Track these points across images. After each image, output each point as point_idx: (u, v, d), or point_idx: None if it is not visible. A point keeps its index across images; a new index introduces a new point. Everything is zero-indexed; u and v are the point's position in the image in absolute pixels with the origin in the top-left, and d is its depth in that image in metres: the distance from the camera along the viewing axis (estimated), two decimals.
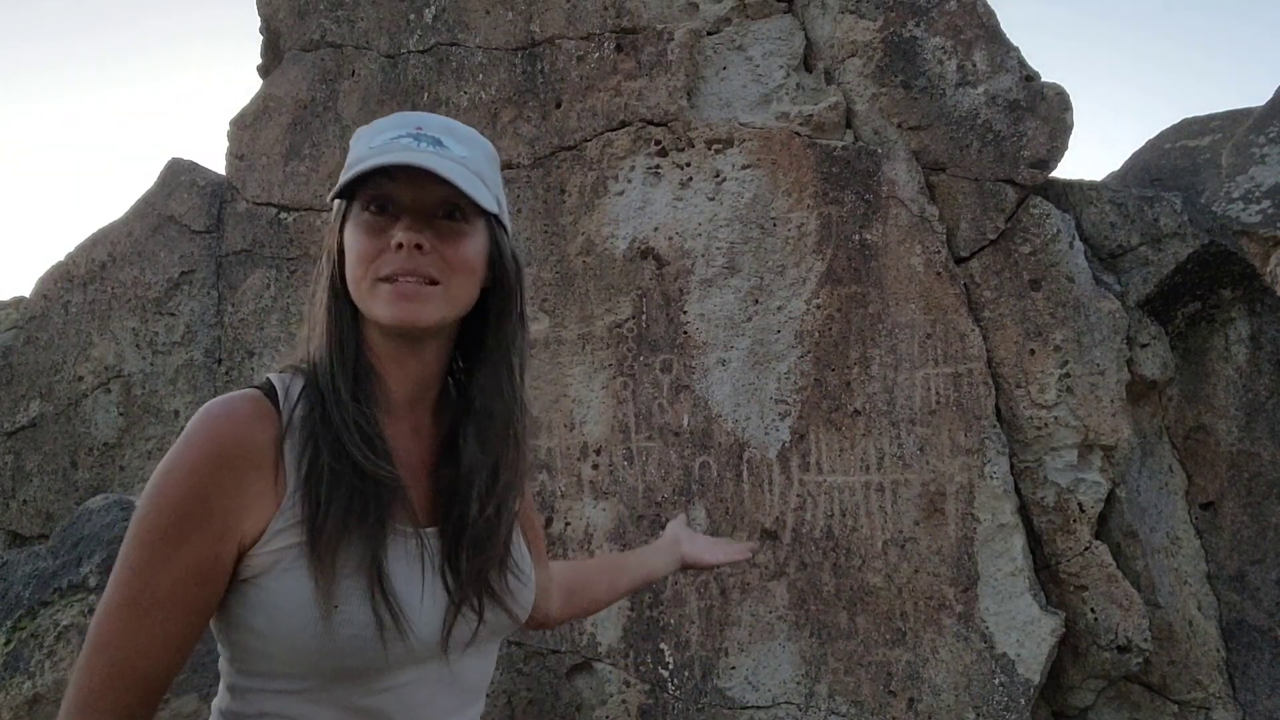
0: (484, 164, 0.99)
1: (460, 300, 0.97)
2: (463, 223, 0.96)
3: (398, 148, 0.93)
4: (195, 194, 3.71)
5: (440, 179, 0.91)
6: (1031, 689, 2.45)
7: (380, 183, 0.93)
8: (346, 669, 0.88)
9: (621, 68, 3.08)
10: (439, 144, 0.94)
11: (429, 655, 0.93)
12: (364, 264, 0.93)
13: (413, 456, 0.99)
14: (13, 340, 3.85)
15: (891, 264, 2.70)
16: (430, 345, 0.99)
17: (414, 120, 0.97)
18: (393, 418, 0.99)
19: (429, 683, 0.94)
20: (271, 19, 3.79)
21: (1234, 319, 2.82)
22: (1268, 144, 3.77)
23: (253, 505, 0.88)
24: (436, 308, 0.94)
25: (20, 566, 2.90)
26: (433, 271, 0.93)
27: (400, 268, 0.92)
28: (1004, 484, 2.54)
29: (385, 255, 0.92)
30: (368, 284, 0.93)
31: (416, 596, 0.91)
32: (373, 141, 0.96)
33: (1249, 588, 2.71)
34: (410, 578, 0.91)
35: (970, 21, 2.79)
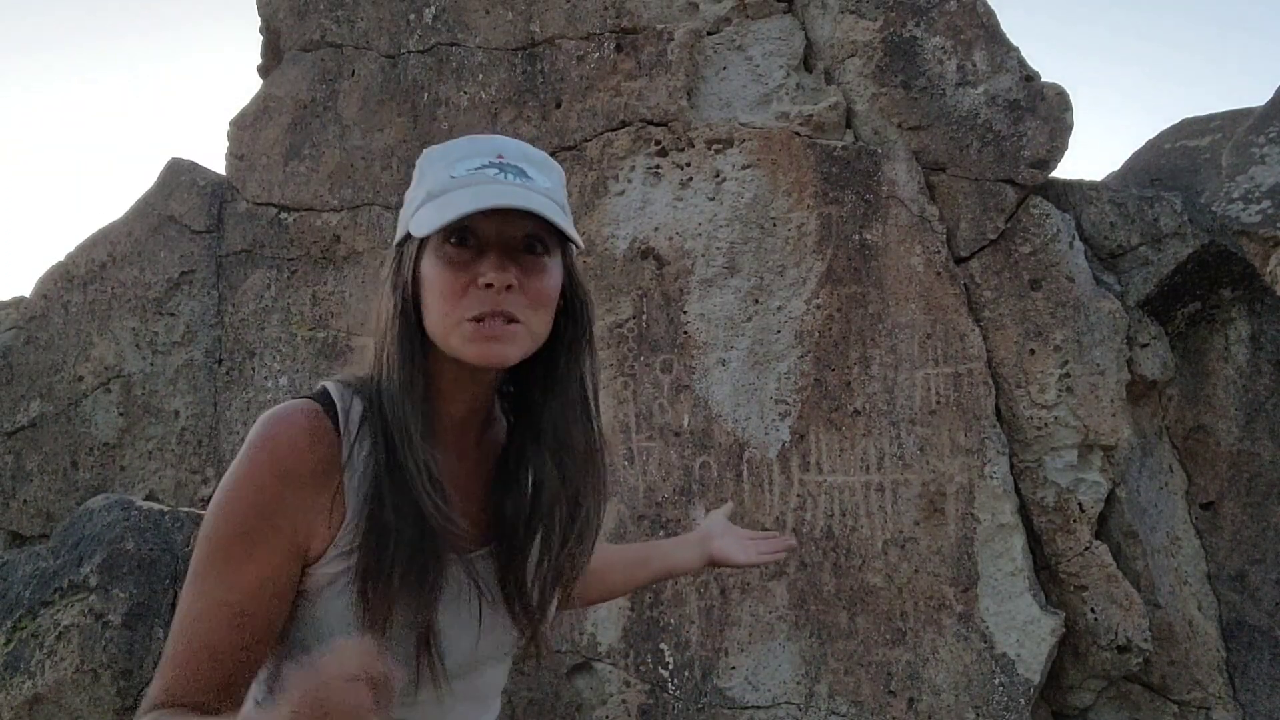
0: (560, 190, 0.97)
1: (540, 334, 0.95)
2: (545, 256, 0.94)
3: (484, 179, 0.91)
4: (195, 194, 3.71)
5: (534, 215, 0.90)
6: (1031, 689, 2.45)
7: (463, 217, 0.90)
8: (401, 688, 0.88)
9: (621, 68, 3.08)
10: (523, 174, 0.93)
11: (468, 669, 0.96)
12: (450, 301, 0.91)
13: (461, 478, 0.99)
14: (13, 340, 3.85)
15: (891, 264, 2.70)
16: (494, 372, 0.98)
17: (492, 146, 0.96)
18: (441, 441, 0.97)
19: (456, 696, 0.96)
20: (271, 19, 3.79)
21: (1234, 319, 2.82)
22: (1268, 144, 3.77)
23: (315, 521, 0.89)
24: (520, 346, 0.92)
25: (20, 566, 2.90)
26: (517, 310, 0.91)
27: (490, 308, 0.90)
28: (1004, 484, 2.54)
29: (472, 293, 0.90)
30: (453, 319, 0.91)
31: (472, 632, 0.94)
32: (453, 171, 0.93)
33: (1249, 588, 2.71)
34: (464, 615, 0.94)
35: (970, 21, 2.79)
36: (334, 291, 3.40)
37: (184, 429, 3.55)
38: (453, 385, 0.97)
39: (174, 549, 2.78)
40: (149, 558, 2.74)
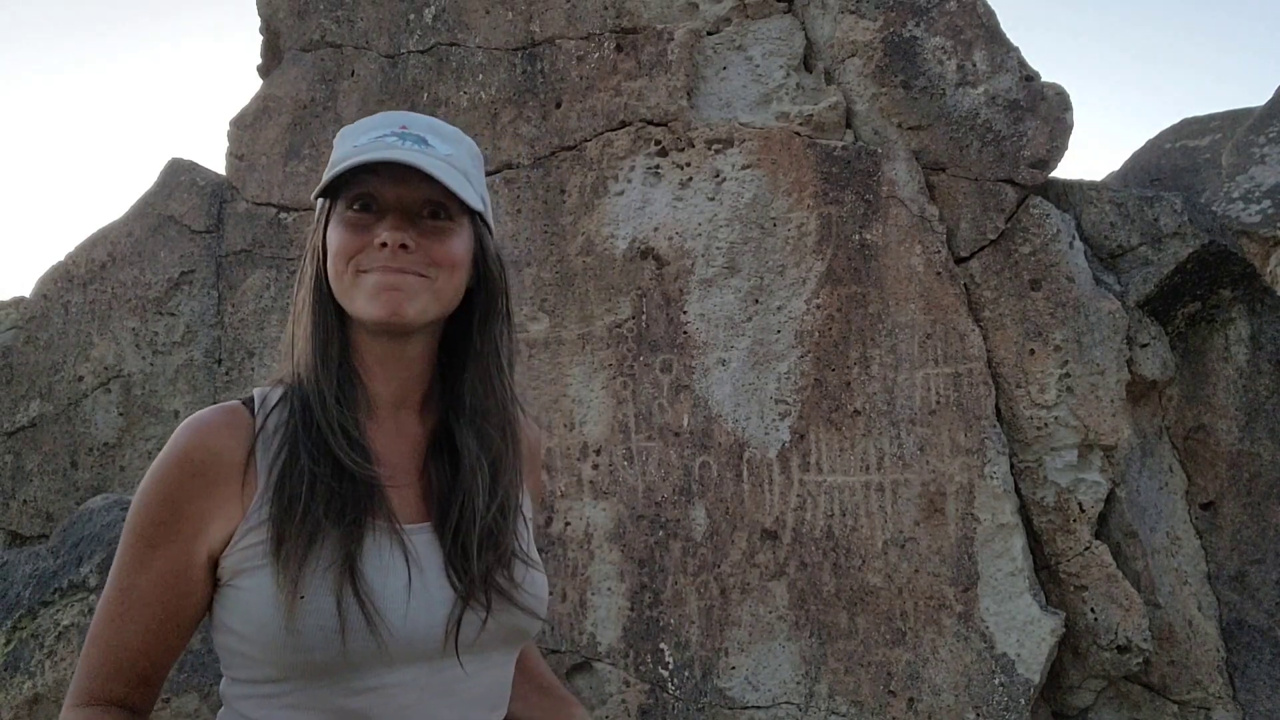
0: (468, 162, 0.98)
1: (446, 297, 0.96)
2: (448, 221, 0.95)
3: (382, 146, 0.93)
4: (195, 194, 3.71)
5: (425, 176, 0.91)
6: (1031, 689, 2.45)
7: (365, 180, 0.93)
8: (317, 664, 0.86)
9: (621, 68, 3.08)
10: (423, 142, 0.94)
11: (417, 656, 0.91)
12: (345, 259, 0.93)
13: (398, 456, 0.99)
14: (12, 340, 3.85)
15: (891, 264, 2.70)
16: (415, 344, 0.98)
17: (398, 119, 0.97)
18: (376, 420, 0.99)
19: (419, 688, 0.91)
20: (271, 19, 3.79)
21: (1234, 319, 2.82)
22: (1268, 144, 3.77)
23: (220, 512, 0.90)
24: (421, 300, 0.93)
25: (20, 566, 2.90)
26: (417, 269, 0.93)
27: (384, 266, 0.91)
28: (1004, 484, 2.54)
29: (368, 252, 0.92)
30: (350, 277, 0.93)
31: (400, 595, 0.89)
32: (357, 140, 0.95)
33: (1249, 588, 2.71)
34: (391, 576, 0.90)
35: (970, 21, 2.79)
36: None
37: None
38: (378, 363, 0.98)
39: None
40: None
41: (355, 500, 0.90)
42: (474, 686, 0.96)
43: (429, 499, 0.97)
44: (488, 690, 0.98)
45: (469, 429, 0.99)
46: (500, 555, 0.96)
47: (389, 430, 1.00)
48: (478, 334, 1.01)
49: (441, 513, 0.96)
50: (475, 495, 0.96)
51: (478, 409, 1.00)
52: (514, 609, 0.97)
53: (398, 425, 1.00)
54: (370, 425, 0.97)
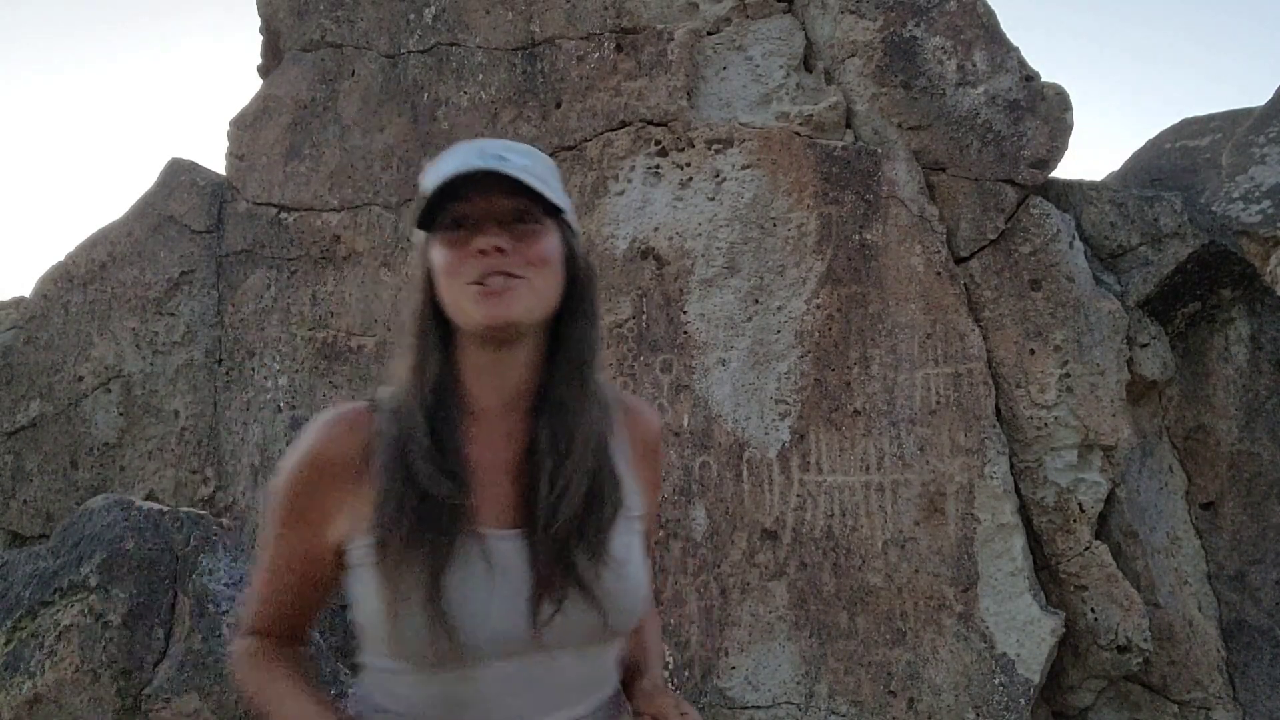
0: (546, 172, 1.04)
1: (545, 295, 1.02)
2: (536, 224, 1.02)
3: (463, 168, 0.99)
4: (195, 194, 3.71)
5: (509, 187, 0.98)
6: (1031, 689, 2.45)
7: (453, 206, 1.00)
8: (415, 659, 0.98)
9: (621, 68, 3.08)
10: (501, 159, 1.00)
11: (504, 653, 0.98)
12: (451, 275, 1.00)
13: (499, 461, 1.04)
14: (13, 340, 3.85)
15: (891, 264, 2.70)
16: (519, 351, 1.04)
17: (476, 145, 1.03)
18: (482, 427, 1.05)
19: (512, 679, 0.99)
20: (271, 19, 3.79)
21: (1234, 319, 2.82)
22: (1268, 144, 3.77)
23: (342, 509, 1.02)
24: (522, 301, 0.99)
25: (20, 566, 2.89)
26: (515, 270, 0.99)
27: (485, 269, 0.98)
28: (1004, 484, 2.54)
29: (469, 262, 0.99)
30: (459, 288, 0.99)
31: (482, 602, 0.97)
32: (440, 171, 1.01)
33: (1249, 588, 2.71)
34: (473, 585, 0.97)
35: (970, 21, 2.79)
36: (334, 291, 3.40)
37: (184, 429, 3.55)
38: (478, 374, 1.04)
39: (174, 549, 2.78)
40: (149, 558, 2.74)
41: (443, 517, 0.97)
42: (566, 678, 1.02)
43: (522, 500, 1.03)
44: (581, 681, 1.04)
45: (561, 427, 1.03)
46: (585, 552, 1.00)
47: (495, 435, 1.05)
48: (567, 333, 1.06)
49: (531, 513, 1.01)
50: (564, 493, 1.00)
51: (569, 407, 1.04)
52: (593, 605, 1.00)
53: (505, 429, 1.06)
54: (473, 432, 1.04)
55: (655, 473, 1.18)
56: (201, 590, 2.70)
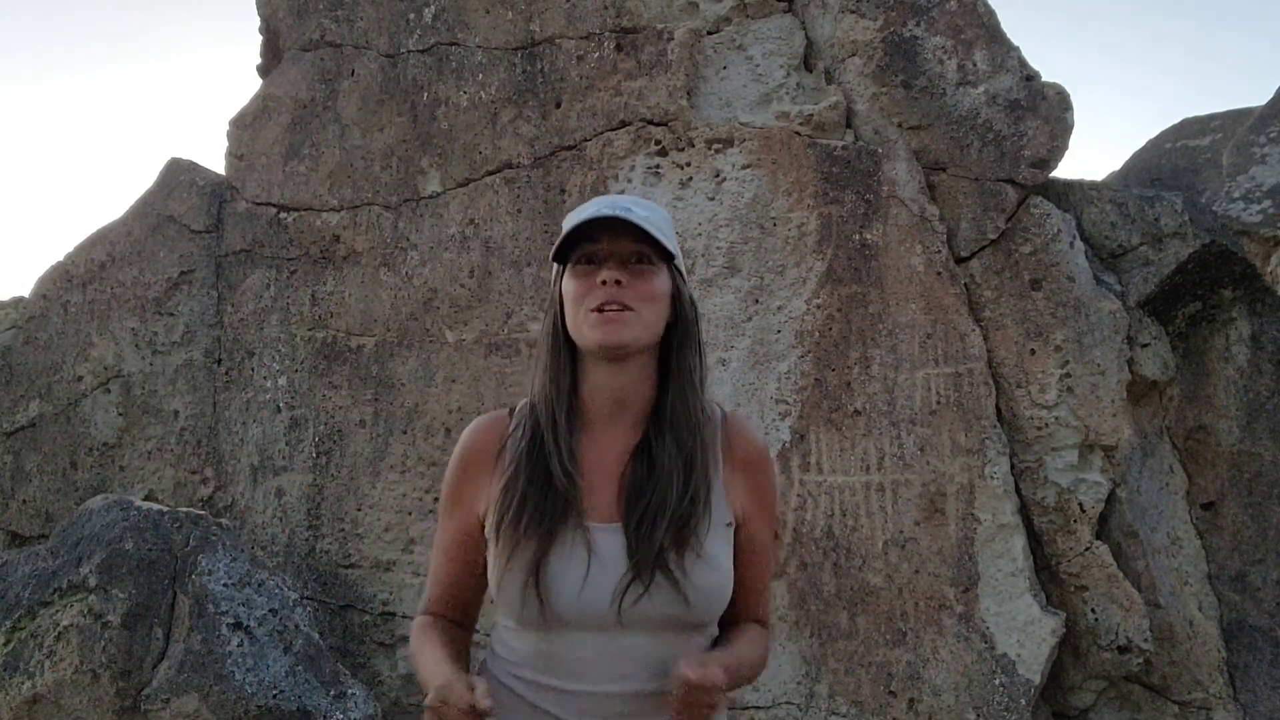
0: (662, 224, 1.24)
1: (652, 325, 1.22)
2: (649, 267, 1.22)
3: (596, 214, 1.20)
4: (195, 194, 3.71)
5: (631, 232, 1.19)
6: (1032, 689, 2.45)
7: (586, 246, 1.22)
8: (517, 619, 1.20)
9: (621, 67, 3.08)
10: (628, 210, 1.20)
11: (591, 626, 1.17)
12: (578, 302, 1.21)
13: (606, 462, 1.24)
14: (12, 340, 3.84)
15: (892, 264, 2.70)
16: (629, 369, 1.23)
17: (609, 198, 1.25)
18: (590, 433, 1.25)
19: (596, 649, 1.18)
20: (271, 19, 3.78)
21: (1235, 319, 2.82)
22: (1268, 144, 3.76)
23: (484, 492, 1.26)
24: (632, 328, 1.19)
25: (20, 566, 2.89)
26: (629, 301, 1.19)
27: (605, 297, 1.18)
28: (1004, 484, 2.53)
29: (594, 291, 1.19)
30: (582, 315, 1.20)
31: (577, 581, 1.16)
32: (579, 214, 1.23)
33: (1250, 588, 2.71)
34: (571, 566, 1.17)
35: (970, 21, 2.78)
36: (333, 291, 3.40)
37: (183, 429, 3.54)
38: (594, 383, 1.24)
39: (173, 549, 2.78)
40: (148, 558, 2.74)
41: (554, 508, 1.18)
42: (645, 656, 1.18)
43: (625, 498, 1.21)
44: (655, 661, 1.18)
45: (668, 436, 1.22)
46: (677, 543, 1.16)
47: (602, 441, 1.25)
48: (675, 359, 1.25)
49: (630, 508, 1.19)
50: (667, 490, 1.18)
51: (675, 420, 1.23)
52: (676, 593, 1.16)
53: (612, 436, 1.25)
54: (585, 437, 1.25)
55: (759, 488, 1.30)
56: (201, 590, 2.69)
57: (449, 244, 3.23)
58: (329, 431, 3.31)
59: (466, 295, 3.18)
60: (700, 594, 1.17)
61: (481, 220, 3.20)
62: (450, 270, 3.21)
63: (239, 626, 2.65)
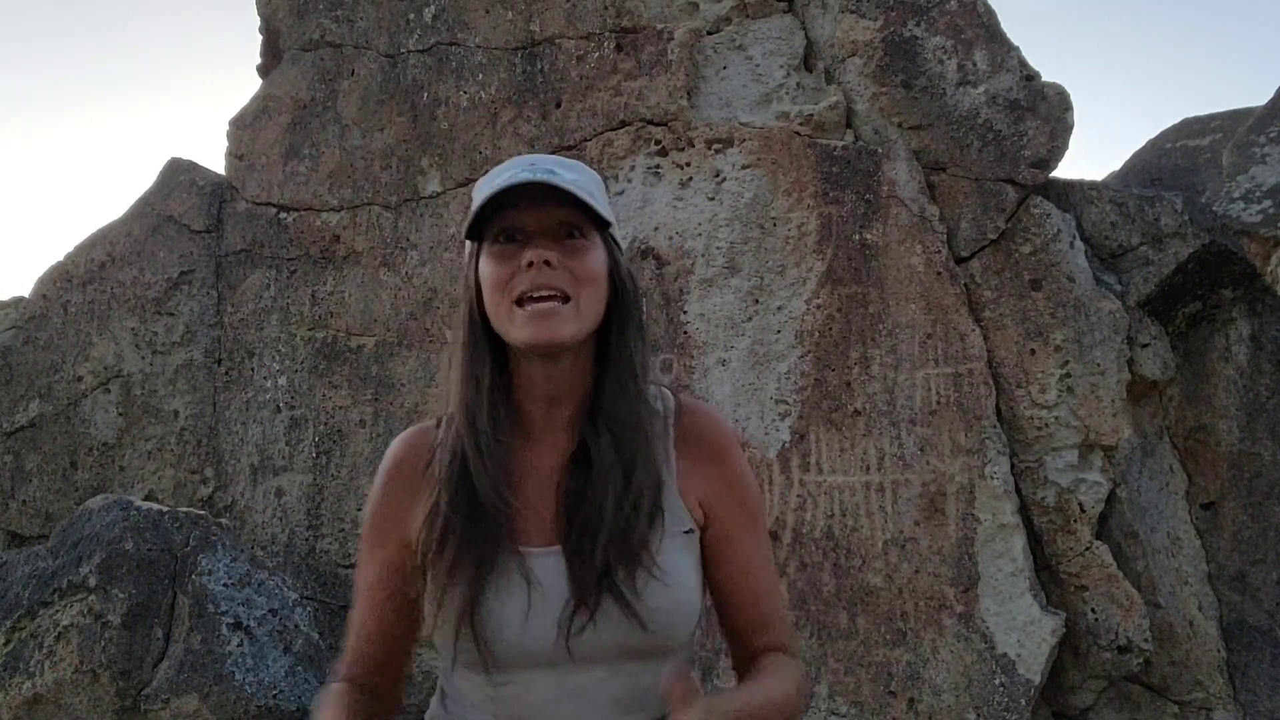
0: (593, 186, 1.05)
1: (590, 313, 1.03)
2: (583, 239, 1.03)
3: (514, 180, 1.00)
4: (195, 194, 3.71)
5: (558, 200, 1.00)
6: (1032, 689, 2.45)
7: (505, 215, 1.02)
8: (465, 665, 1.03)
9: (621, 67, 3.08)
10: (551, 172, 1.01)
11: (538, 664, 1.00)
12: (499, 289, 1.01)
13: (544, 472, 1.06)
14: (12, 340, 3.84)
15: (892, 264, 2.70)
16: (567, 361, 1.04)
17: (526, 159, 1.06)
18: (529, 439, 1.07)
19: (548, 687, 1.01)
20: (271, 19, 3.78)
21: (1235, 319, 2.82)
22: (1268, 144, 3.76)
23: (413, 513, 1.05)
24: (569, 323, 1.00)
25: (20, 567, 2.89)
26: (563, 285, 1.00)
27: (532, 284, 0.99)
28: (1004, 484, 2.53)
29: (518, 276, 1.00)
30: (506, 308, 1.01)
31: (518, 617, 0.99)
32: (493, 182, 1.03)
33: (1250, 588, 2.71)
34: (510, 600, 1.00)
35: (971, 21, 2.78)
36: (333, 291, 3.40)
37: (183, 429, 3.54)
38: (525, 381, 1.06)
39: (173, 549, 2.78)
40: (148, 558, 2.74)
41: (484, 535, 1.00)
42: (605, 693, 1.02)
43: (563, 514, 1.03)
44: (614, 697, 1.02)
45: (605, 436, 1.03)
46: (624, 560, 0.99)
47: (538, 448, 1.07)
48: (615, 344, 1.07)
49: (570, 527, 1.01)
50: (605, 501, 1.00)
51: (614, 416, 1.04)
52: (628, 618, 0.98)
53: (548, 441, 1.07)
54: (520, 447, 1.06)
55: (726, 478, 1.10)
56: (201, 590, 2.70)
57: (449, 244, 3.23)
58: (329, 431, 3.31)
59: None
60: (657, 615, 1.00)
61: None
62: (450, 270, 3.21)
63: (239, 626, 2.65)
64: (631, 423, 1.04)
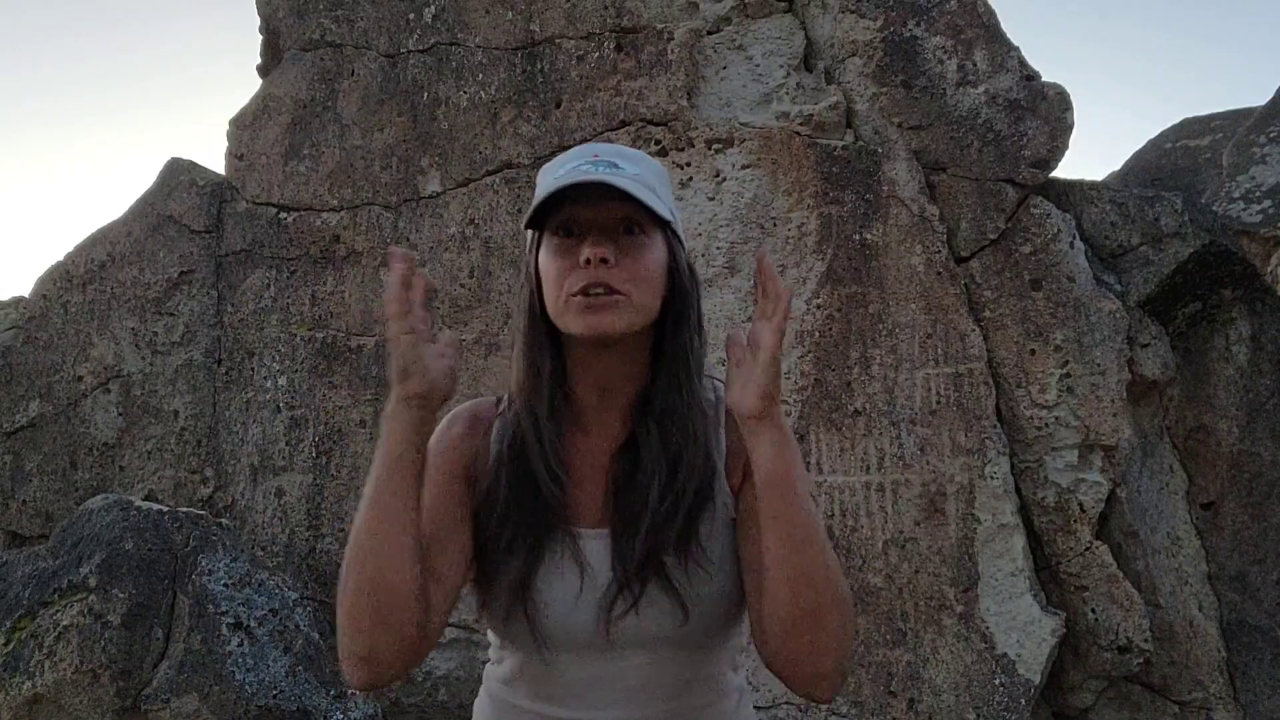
0: (654, 180, 1.07)
1: (644, 308, 1.04)
2: (642, 236, 1.04)
3: (577, 174, 1.01)
4: (195, 194, 3.71)
5: (618, 195, 1.00)
6: (1032, 689, 2.45)
7: (566, 209, 1.03)
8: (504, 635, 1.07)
9: (621, 67, 3.08)
10: (614, 166, 1.03)
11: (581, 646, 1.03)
12: (558, 283, 1.03)
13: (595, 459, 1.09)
14: (12, 340, 3.84)
15: (892, 264, 2.70)
16: (622, 352, 1.07)
17: (590, 149, 1.07)
18: (581, 427, 1.10)
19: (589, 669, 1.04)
20: (271, 18, 3.78)
21: (1235, 319, 2.82)
22: (1268, 144, 3.76)
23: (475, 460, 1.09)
24: (623, 316, 1.02)
25: (20, 567, 2.89)
26: (618, 282, 1.01)
27: (590, 280, 1.00)
28: (1004, 484, 2.53)
29: (575, 272, 1.01)
30: (562, 300, 1.03)
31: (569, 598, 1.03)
32: (556, 173, 1.05)
33: (1250, 588, 2.70)
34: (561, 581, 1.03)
35: (971, 21, 2.78)
36: (333, 291, 3.40)
37: (183, 429, 3.54)
38: (581, 369, 1.08)
39: (173, 549, 2.78)
40: (148, 558, 2.74)
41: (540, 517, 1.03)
42: (639, 677, 1.04)
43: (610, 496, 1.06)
44: (648, 683, 1.05)
45: (653, 428, 1.06)
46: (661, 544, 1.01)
47: (594, 433, 1.10)
48: (669, 340, 1.08)
49: (618, 508, 1.05)
50: (650, 491, 1.02)
51: (664, 410, 1.06)
52: (673, 604, 1.01)
53: (602, 427, 1.10)
54: (575, 433, 1.09)
55: None
56: (201, 590, 2.70)
57: (449, 244, 3.23)
58: (329, 431, 3.31)
59: (466, 295, 3.18)
60: (702, 604, 1.02)
61: (481, 220, 3.20)
62: (450, 270, 3.21)
63: (239, 626, 2.65)
64: (681, 417, 1.06)
